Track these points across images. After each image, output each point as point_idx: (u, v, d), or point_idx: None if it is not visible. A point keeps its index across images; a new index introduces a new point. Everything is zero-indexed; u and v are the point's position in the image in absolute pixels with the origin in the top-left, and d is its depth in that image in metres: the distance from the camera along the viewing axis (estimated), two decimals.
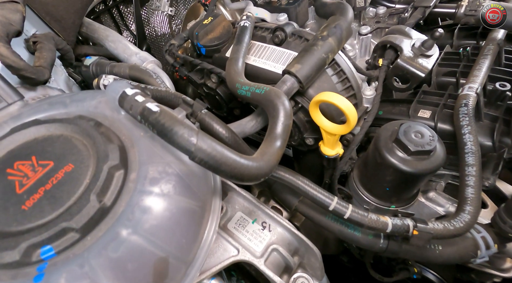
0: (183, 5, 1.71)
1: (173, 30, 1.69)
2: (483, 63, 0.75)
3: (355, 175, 0.83)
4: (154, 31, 1.66)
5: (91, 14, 1.31)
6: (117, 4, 1.39)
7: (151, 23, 1.62)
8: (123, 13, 1.45)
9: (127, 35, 1.51)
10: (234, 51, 0.67)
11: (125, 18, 1.46)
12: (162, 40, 1.71)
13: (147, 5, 1.56)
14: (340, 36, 0.64)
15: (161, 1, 1.62)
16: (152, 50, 1.65)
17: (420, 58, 0.69)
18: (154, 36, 1.66)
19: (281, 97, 0.56)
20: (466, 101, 0.68)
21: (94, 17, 1.33)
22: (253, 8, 0.79)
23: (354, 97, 0.73)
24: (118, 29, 1.46)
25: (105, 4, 1.34)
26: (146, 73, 0.69)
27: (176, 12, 1.65)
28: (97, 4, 1.30)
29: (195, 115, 0.60)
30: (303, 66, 0.62)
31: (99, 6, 1.33)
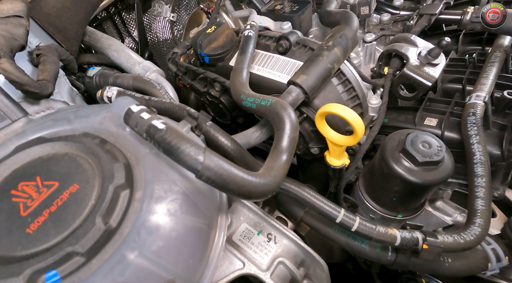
0: (185, 11, 1.71)
1: (175, 36, 1.69)
2: (490, 71, 0.74)
3: (361, 184, 0.82)
4: (156, 37, 1.66)
5: (94, 21, 1.30)
6: (119, 11, 1.39)
7: (153, 29, 1.62)
8: (125, 20, 1.44)
9: (129, 41, 1.50)
10: (238, 62, 0.67)
11: (127, 24, 1.46)
12: (164, 46, 1.70)
13: (149, 11, 1.56)
14: (346, 46, 0.63)
15: (162, 7, 1.62)
16: (154, 57, 1.65)
17: (427, 67, 0.68)
18: (156, 42, 1.66)
19: (287, 109, 0.55)
20: (474, 110, 0.67)
21: (96, 24, 1.33)
22: (256, 16, 0.79)
23: (360, 107, 0.72)
24: (121, 35, 1.46)
25: (108, 12, 1.34)
26: (150, 84, 0.68)
27: (178, 18, 1.65)
28: (100, 11, 1.30)
29: (200, 127, 0.59)
30: (309, 77, 0.61)
31: (102, 14, 1.33)
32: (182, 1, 1.66)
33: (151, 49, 1.61)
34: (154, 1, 1.57)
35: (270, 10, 0.87)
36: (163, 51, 1.71)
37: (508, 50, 0.79)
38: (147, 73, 0.82)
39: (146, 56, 1.42)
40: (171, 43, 1.71)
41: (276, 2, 0.90)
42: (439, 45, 0.66)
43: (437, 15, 0.78)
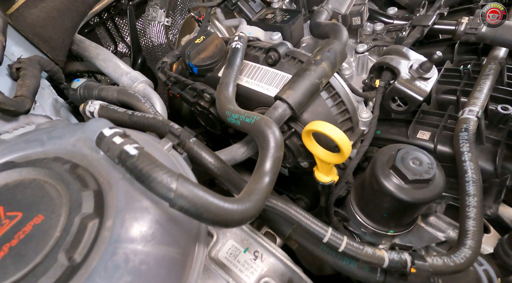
0: (180, 15, 1.69)
1: (169, 40, 1.67)
2: (484, 84, 0.72)
3: (352, 198, 0.80)
4: (151, 42, 1.64)
5: (86, 27, 1.29)
6: (112, 16, 1.38)
7: (147, 33, 1.61)
8: (118, 25, 1.43)
9: (122, 46, 1.49)
10: (224, 75, 0.65)
11: (121, 30, 1.45)
12: (159, 50, 1.69)
13: (143, 16, 1.55)
14: (334, 60, 0.61)
15: (157, 11, 1.60)
16: (148, 62, 1.63)
17: (418, 81, 0.66)
18: (151, 46, 1.64)
19: (271, 127, 0.53)
20: (467, 125, 0.65)
21: (88, 30, 1.31)
22: (246, 27, 0.77)
23: (349, 121, 0.70)
24: (114, 41, 1.44)
25: (100, 17, 1.33)
26: (134, 98, 0.67)
27: (172, 22, 1.64)
28: (92, 17, 1.29)
29: (182, 145, 0.57)
30: (295, 92, 0.59)
31: (94, 19, 1.32)
32: (177, 5, 1.65)
33: (144, 55, 1.60)
34: (148, 6, 1.55)
35: (261, 19, 0.86)
36: (158, 56, 1.70)
37: (503, 62, 0.77)
38: (134, 84, 0.80)
39: (139, 62, 1.41)
40: (166, 47, 1.70)
41: (267, 11, 0.88)
42: (430, 59, 0.64)
43: (430, 26, 0.76)
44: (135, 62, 1.36)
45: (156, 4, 1.59)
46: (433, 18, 0.76)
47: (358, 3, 0.79)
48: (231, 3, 0.86)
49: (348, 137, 0.70)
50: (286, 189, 1.06)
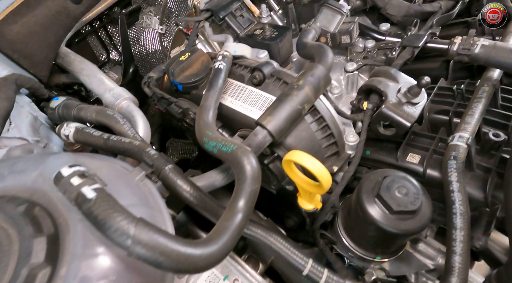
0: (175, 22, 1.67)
1: (164, 47, 1.65)
2: (476, 108, 0.70)
3: (340, 221, 0.78)
4: (145, 49, 1.63)
5: (77, 36, 1.28)
6: (104, 25, 1.36)
7: (141, 41, 1.59)
8: (111, 33, 1.41)
9: (115, 54, 1.48)
10: (205, 98, 0.63)
11: (113, 38, 1.43)
12: (154, 57, 1.67)
13: (136, 24, 1.53)
14: (317, 85, 0.59)
15: (151, 19, 1.58)
16: (142, 69, 1.61)
17: (406, 106, 0.64)
18: (145, 54, 1.63)
19: (249, 158, 0.51)
20: (456, 153, 0.63)
21: (79, 39, 1.30)
22: (231, 45, 0.75)
23: (335, 145, 0.68)
24: (106, 49, 1.43)
25: (92, 26, 1.31)
26: (113, 120, 0.65)
27: (167, 30, 1.62)
28: (83, 26, 1.27)
29: (157, 172, 0.55)
30: (276, 119, 0.57)
31: (85, 28, 1.30)
32: (171, 12, 1.63)
33: (137, 63, 1.58)
34: (142, 13, 1.54)
35: (249, 35, 0.83)
36: (152, 62, 1.68)
37: (497, 84, 0.74)
38: (117, 101, 0.78)
39: (131, 70, 1.39)
40: (160, 54, 1.68)
41: (256, 26, 0.86)
42: (418, 84, 0.61)
43: (421, 47, 0.74)
44: (127, 71, 1.34)
45: (151, 12, 1.57)
46: (424, 38, 0.74)
47: (347, 21, 0.77)
48: (218, 18, 0.84)
49: (334, 162, 0.68)
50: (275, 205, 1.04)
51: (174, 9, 1.62)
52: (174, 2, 1.59)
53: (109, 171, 0.49)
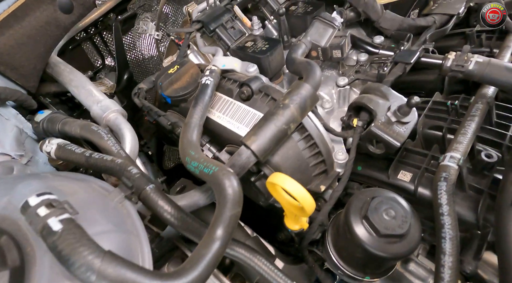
0: (172, 27, 1.67)
1: (161, 53, 1.65)
2: (469, 127, 0.68)
3: (330, 237, 0.76)
4: (141, 55, 1.62)
5: (71, 43, 1.27)
6: (99, 31, 1.35)
7: (137, 47, 1.58)
8: (106, 40, 1.41)
9: (110, 61, 1.47)
10: (190, 115, 0.62)
11: (109, 44, 1.42)
12: (150, 63, 1.66)
13: (132, 30, 1.52)
14: (304, 105, 0.58)
15: (148, 24, 1.58)
16: (138, 75, 1.61)
17: (396, 125, 0.62)
18: (141, 59, 1.62)
19: (230, 180, 0.50)
20: (446, 174, 0.61)
21: (74, 46, 1.29)
22: (220, 59, 0.74)
23: (323, 163, 0.66)
24: (101, 55, 1.42)
25: (87, 32, 1.31)
26: (97, 135, 0.64)
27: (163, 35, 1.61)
28: (78, 32, 1.26)
29: (137, 193, 0.54)
30: (260, 139, 0.56)
31: (80, 34, 1.29)
32: (168, 18, 1.62)
33: (133, 69, 1.57)
34: (138, 19, 1.53)
35: (240, 47, 0.82)
36: (149, 68, 1.67)
37: (491, 102, 0.72)
38: (105, 114, 0.77)
39: (125, 78, 1.38)
40: (157, 60, 1.67)
41: (247, 38, 0.85)
42: (408, 104, 0.60)
43: (413, 64, 0.72)
44: (121, 78, 1.33)
45: (147, 17, 1.56)
46: (417, 55, 0.72)
47: (339, 35, 0.75)
48: (209, 30, 0.83)
49: (321, 180, 0.67)
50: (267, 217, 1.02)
51: (170, 15, 1.61)
52: (171, 8, 1.58)
53: (86, 194, 0.48)
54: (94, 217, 0.43)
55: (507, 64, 0.68)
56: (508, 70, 0.67)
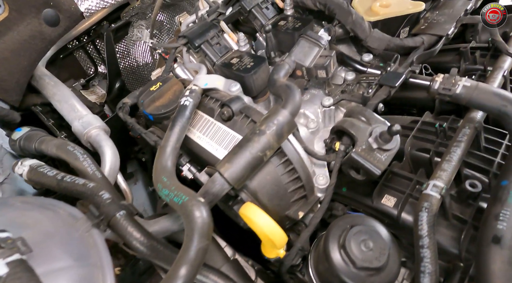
0: (167, 35, 1.66)
1: (155, 60, 1.64)
2: (454, 153, 0.66)
3: (312, 262, 0.74)
4: (136, 62, 1.61)
5: (63, 51, 1.27)
6: (92, 39, 1.35)
7: (132, 54, 1.58)
8: (100, 48, 1.40)
9: (104, 68, 1.46)
10: (165, 138, 0.61)
11: (102, 52, 1.42)
12: (145, 69, 1.66)
13: (126, 38, 1.52)
14: (280, 131, 0.56)
15: (142, 32, 1.57)
16: (132, 82, 1.60)
17: (377, 152, 0.61)
18: (135, 66, 1.62)
19: (200, 212, 0.48)
20: (428, 204, 0.59)
21: (66, 54, 1.29)
22: (202, 77, 0.73)
23: (302, 189, 0.65)
24: (94, 63, 1.42)
25: (79, 41, 1.30)
26: (72, 156, 0.63)
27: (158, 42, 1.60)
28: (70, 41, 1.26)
29: (107, 220, 0.53)
30: (235, 166, 0.54)
31: (72, 43, 1.29)
32: (163, 25, 1.62)
33: (126, 77, 1.57)
34: (132, 27, 1.52)
35: (225, 64, 0.81)
36: (144, 75, 1.67)
37: (479, 126, 0.70)
38: (86, 130, 0.76)
39: (116, 86, 1.37)
40: (151, 67, 1.67)
41: (233, 54, 0.84)
42: (389, 131, 0.58)
43: (397, 87, 0.70)
44: (112, 87, 1.33)
45: (142, 25, 1.56)
46: (402, 77, 0.70)
47: (325, 55, 0.74)
48: (194, 46, 0.81)
49: (300, 206, 0.65)
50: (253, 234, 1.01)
51: (165, 22, 1.61)
52: (166, 16, 1.58)
53: (50, 224, 0.47)
54: (53, 251, 0.42)
55: (495, 89, 0.66)
56: (495, 96, 0.65)
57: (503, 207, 0.54)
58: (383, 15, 0.82)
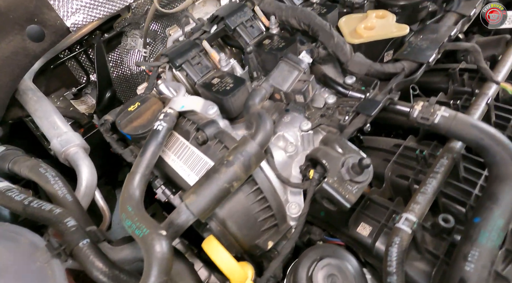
0: (161, 43, 1.66)
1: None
2: (430, 185, 0.65)
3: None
4: (129, 70, 1.62)
5: (55, 60, 1.27)
6: (85, 49, 1.35)
7: (125, 62, 1.58)
8: (92, 57, 1.40)
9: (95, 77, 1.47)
10: (135, 164, 0.60)
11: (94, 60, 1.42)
12: (139, 77, 1.66)
13: (120, 47, 1.52)
14: (248, 163, 0.55)
15: (137, 41, 1.58)
16: (125, 91, 1.61)
17: (349, 184, 0.60)
18: (129, 75, 1.62)
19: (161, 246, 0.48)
20: (398, 240, 0.58)
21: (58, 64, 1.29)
22: (179, 100, 0.72)
23: (273, 218, 0.64)
24: (86, 72, 1.42)
25: (71, 51, 1.31)
26: (43, 179, 0.63)
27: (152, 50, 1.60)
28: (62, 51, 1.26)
29: (69, 249, 0.53)
30: (200, 198, 0.54)
31: (64, 52, 1.29)
32: (157, 35, 1.62)
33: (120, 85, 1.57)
34: (127, 36, 1.53)
35: (206, 84, 0.80)
36: (138, 83, 1.67)
37: (457, 157, 0.69)
38: (64, 148, 0.77)
39: (107, 96, 1.38)
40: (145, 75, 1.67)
41: (215, 74, 0.83)
42: (359, 164, 0.57)
43: (373, 116, 0.69)
44: (102, 97, 1.33)
45: (136, 34, 1.56)
46: (379, 106, 0.69)
47: (303, 79, 0.73)
48: (175, 66, 0.81)
49: (270, 235, 0.64)
50: None
51: (159, 31, 1.61)
52: (159, 25, 1.58)
53: (8, 255, 0.47)
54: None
55: (473, 121, 0.65)
56: (473, 127, 0.64)
57: (472, 247, 0.53)
58: (367, 38, 0.81)
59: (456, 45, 0.80)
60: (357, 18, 0.90)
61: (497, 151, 0.60)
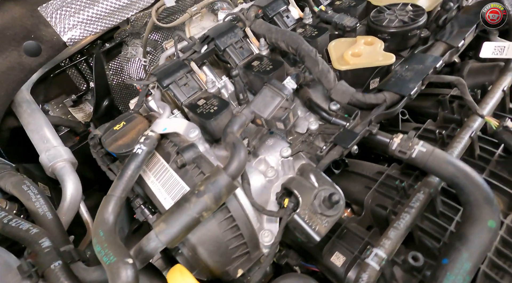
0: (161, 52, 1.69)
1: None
2: (403, 220, 0.65)
3: None
4: (129, 78, 1.64)
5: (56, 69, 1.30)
6: (86, 58, 1.39)
7: (125, 70, 1.61)
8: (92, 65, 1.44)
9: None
10: (112, 187, 0.62)
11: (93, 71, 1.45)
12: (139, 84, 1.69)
13: (120, 55, 1.55)
14: (219, 194, 0.57)
15: (137, 49, 1.61)
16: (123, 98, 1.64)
17: (320, 217, 0.60)
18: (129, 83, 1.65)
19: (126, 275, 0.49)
20: (365, 276, 0.58)
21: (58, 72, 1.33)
22: (161, 122, 0.74)
23: (244, 245, 0.65)
24: (86, 80, 1.46)
25: (71, 60, 1.34)
26: (25, 196, 0.65)
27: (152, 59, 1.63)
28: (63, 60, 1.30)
29: (41, 271, 0.55)
30: (170, 228, 0.55)
31: (64, 61, 1.33)
32: (158, 44, 1.65)
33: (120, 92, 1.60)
34: (127, 45, 1.56)
35: (192, 105, 0.82)
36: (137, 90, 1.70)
37: (434, 192, 0.69)
38: (51, 163, 0.79)
39: (105, 105, 1.41)
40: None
41: (201, 95, 0.85)
42: (329, 199, 0.58)
43: (350, 149, 0.70)
44: (99, 106, 1.36)
45: (137, 43, 1.59)
46: (356, 139, 0.69)
47: (285, 107, 0.73)
48: (162, 86, 0.83)
49: (241, 263, 0.65)
50: None
51: (160, 41, 1.64)
52: (160, 35, 1.61)
53: None
54: None
55: (450, 157, 0.65)
56: (449, 165, 0.64)
57: None
58: (353, 65, 0.81)
59: (441, 78, 0.79)
60: (347, 42, 0.90)
61: (471, 191, 0.60)
